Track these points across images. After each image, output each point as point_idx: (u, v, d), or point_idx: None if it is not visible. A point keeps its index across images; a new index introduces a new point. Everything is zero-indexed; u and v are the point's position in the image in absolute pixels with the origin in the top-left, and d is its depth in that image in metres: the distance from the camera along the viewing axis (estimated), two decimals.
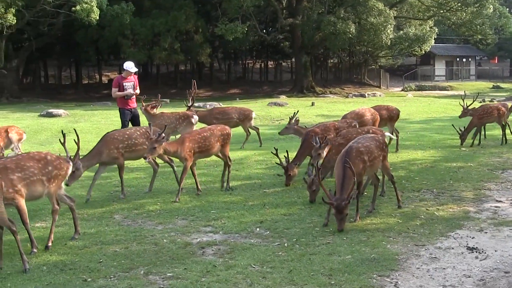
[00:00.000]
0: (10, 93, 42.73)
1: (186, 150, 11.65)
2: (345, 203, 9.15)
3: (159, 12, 43.21)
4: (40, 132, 22.86)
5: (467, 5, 48.78)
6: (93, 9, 36.65)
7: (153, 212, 10.84)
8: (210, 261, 8.07)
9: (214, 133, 12.38)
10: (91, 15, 36.79)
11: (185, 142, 11.74)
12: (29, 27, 42.54)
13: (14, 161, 8.39)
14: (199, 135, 12.14)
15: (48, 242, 8.98)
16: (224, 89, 52.60)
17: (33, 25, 42.07)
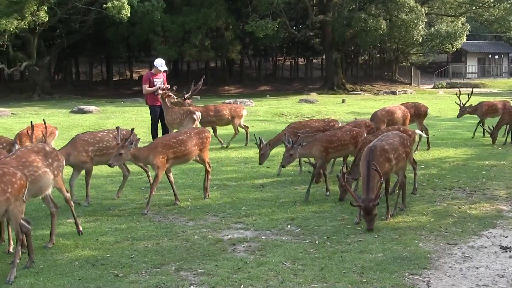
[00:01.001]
0: (42, 89, 43.11)
1: (158, 156, 10.70)
2: (372, 204, 9.05)
3: (189, 9, 43.30)
4: (71, 128, 23.00)
5: (500, 1, 48.30)
6: (124, 6, 36.83)
7: (184, 208, 10.86)
8: (241, 258, 8.06)
9: (191, 136, 11.37)
10: (122, 12, 36.97)
11: (157, 147, 10.82)
12: (60, 25, 42.88)
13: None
14: (174, 139, 11.16)
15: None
16: (255, 86, 52.60)
17: (65, 22, 42.40)
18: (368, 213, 9.10)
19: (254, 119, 25.36)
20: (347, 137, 12.07)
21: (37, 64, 41.54)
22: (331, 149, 11.77)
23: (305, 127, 13.96)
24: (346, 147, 12.05)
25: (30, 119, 24.75)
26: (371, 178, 9.30)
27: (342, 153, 12.29)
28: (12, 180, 7.42)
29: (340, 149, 11.97)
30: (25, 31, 37.88)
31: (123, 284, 7.25)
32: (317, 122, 14.37)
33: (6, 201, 7.29)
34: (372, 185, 9.27)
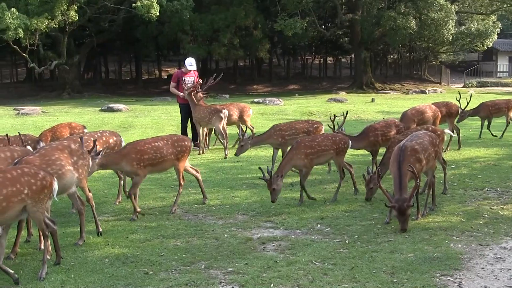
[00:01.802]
0: (72, 88, 43.43)
1: (133, 163, 10.08)
2: (407, 204, 8.98)
3: (218, 8, 43.37)
4: (101, 126, 23.11)
5: None
6: (153, 5, 36.97)
7: (213, 207, 10.88)
8: (271, 257, 8.05)
9: (167, 143, 10.64)
10: (151, 11, 37.11)
11: (130, 153, 10.15)
12: (90, 24, 43.19)
13: None
14: (148, 144, 10.42)
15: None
16: (283, 84, 52.57)
17: (95, 21, 42.69)
18: (402, 213, 9.03)
19: (283, 118, 25.31)
20: (329, 142, 11.37)
21: (67, 63, 41.84)
22: (312, 156, 11.09)
23: (290, 128, 13.74)
24: (327, 152, 11.32)
25: (60, 118, 25.08)
26: (403, 177, 9.24)
27: (322, 160, 11.57)
28: (31, 181, 7.41)
29: (321, 155, 11.27)
30: (55, 31, 38.19)
31: (153, 282, 7.27)
32: (301, 124, 14.13)
33: (20, 202, 7.28)
34: (404, 185, 9.21)
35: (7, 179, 7.20)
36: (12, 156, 8.59)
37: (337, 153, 11.43)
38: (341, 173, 11.63)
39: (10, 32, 33.68)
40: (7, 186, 7.14)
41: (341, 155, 11.55)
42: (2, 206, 7.06)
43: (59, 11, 35.99)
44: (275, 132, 13.62)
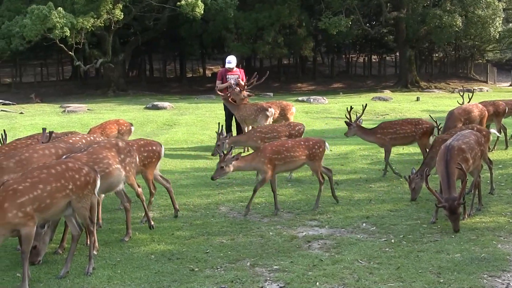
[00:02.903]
0: (117, 86, 43.80)
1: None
2: (457, 203, 8.88)
3: (262, 6, 43.34)
4: (146, 124, 23.31)
5: None
6: (198, 4, 37.11)
7: (258, 205, 10.89)
8: (316, 255, 8.04)
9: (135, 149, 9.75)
10: (195, 9, 37.25)
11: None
12: (135, 22, 43.51)
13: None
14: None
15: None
16: (328, 83, 52.35)
17: (139, 20, 42.99)
18: (453, 212, 8.93)
19: (327, 116, 25.24)
20: (300, 147, 10.66)
21: (112, 61, 42.22)
22: (278, 161, 10.41)
23: (271, 131, 13.39)
24: (298, 158, 10.62)
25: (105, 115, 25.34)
26: (451, 176, 9.15)
27: (292, 166, 10.87)
28: (75, 176, 7.50)
29: (290, 161, 10.57)
30: (100, 29, 38.56)
31: (198, 278, 7.32)
32: (282, 126, 13.78)
33: (65, 198, 7.37)
34: (453, 184, 9.11)
35: (51, 174, 7.30)
36: (56, 152, 8.65)
37: (311, 158, 10.65)
38: (319, 178, 10.79)
39: (56, 31, 34.10)
40: (51, 182, 7.24)
41: (315, 161, 10.71)
42: (47, 202, 7.15)
43: (104, 10, 36.34)
44: (255, 134, 13.33)
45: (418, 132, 13.20)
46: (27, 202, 6.96)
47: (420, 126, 13.31)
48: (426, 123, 13.51)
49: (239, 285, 7.09)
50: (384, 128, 13.49)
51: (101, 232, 9.39)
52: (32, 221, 7.03)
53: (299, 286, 6.99)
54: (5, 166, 8.14)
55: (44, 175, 7.25)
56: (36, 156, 8.42)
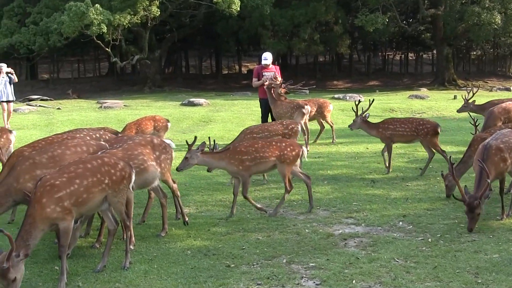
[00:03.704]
0: (153, 82, 43.98)
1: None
2: (476, 202, 8.79)
3: (298, 3, 43.19)
4: (182, 120, 23.42)
5: None
6: (234, 1, 37.09)
7: (294, 202, 10.88)
8: (353, 253, 8.01)
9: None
10: (232, 6, 37.26)
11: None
12: (171, 19, 43.59)
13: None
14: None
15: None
16: (363, 80, 52.01)
17: (176, 16, 43.09)
18: (470, 210, 8.87)
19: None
20: (271, 148, 10.29)
21: (148, 58, 42.38)
22: (249, 162, 10.09)
23: (263, 131, 12.94)
24: (268, 160, 10.24)
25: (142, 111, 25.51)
26: (483, 176, 9.06)
27: (263, 168, 10.43)
28: (111, 171, 7.56)
29: (260, 162, 10.21)
30: (137, 26, 38.72)
31: (235, 274, 7.34)
32: (275, 126, 13.30)
33: (101, 192, 7.44)
34: (483, 183, 9.02)
35: (88, 169, 7.36)
36: (88, 150, 8.69)
37: (281, 161, 10.23)
38: (286, 185, 10.32)
39: (94, 28, 34.35)
40: (87, 177, 7.30)
41: (286, 164, 10.27)
42: (83, 197, 7.22)
43: (141, 7, 36.50)
44: (246, 135, 12.84)
45: (420, 132, 13.24)
46: (64, 196, 7.04)
47: (422, 126, 13.34)
48: (429, 124, 13.47)
49: (275, 281, 7.08)
50: (386, 124, 13.77)
51: (138, 227, 9.48)
52: (70, 216, 7.11)
53: (335, 284, 6.97)
54: (37, 161, 8.25)
55: (80, 170, 7.32)
56: (68, 153, 8.50)
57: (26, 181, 8.03)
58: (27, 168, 8.16)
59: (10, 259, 6.39)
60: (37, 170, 8.10)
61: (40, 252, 8.41)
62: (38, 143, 10.10)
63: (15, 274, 6.47)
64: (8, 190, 8.02)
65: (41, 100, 35.02)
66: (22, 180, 8.03)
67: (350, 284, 6.95)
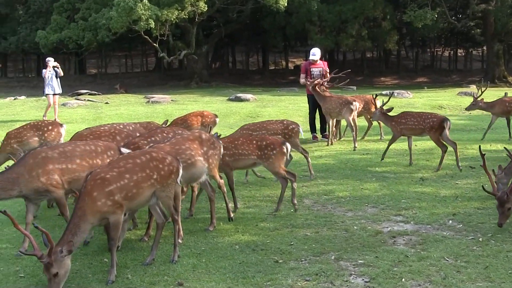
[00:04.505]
0: (200, 77, 44.21)
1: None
2: (506, 197, 8.64)
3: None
4: (229, 115, 23.50)
5: None
6: None
7: (342, 198, 10.81)
8: (402, 251, 7.91)
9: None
10: (279, 2, 37.29)
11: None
12: (218, 14, 43.75)
13: None
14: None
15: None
16: (411, 77, 51.54)
17: (223, 12, 43.22)
18: (500, 204, 8.70)
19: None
20: (250, 146, 10.14)
21: (196, 53, 42.61)
22: (228, 157, 9.99)
23: (260, 129, 12.66)
24: (247, 157, 10.13)
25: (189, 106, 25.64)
26: None
27: (242, 164, 10.30)
28: (159, 166, 7.58)
29: (238, 159, 10.12)
30: (184, 21, 38.94)
31: (283, 270, 7.32)
32: (274, 124, 12.94)
33: (150, 187, 7.46)
34: None
35: (137, 164, 7.41)
36: (96, 150, 8.61)
37: (263, 159, 10.05)
38: (286, 178, 10.14)
39: (141, 23, 34.66)
40: (137, 172, 7.35)
41: (270, 163, 10.08)
42: (133, 192, 7.27)
43: (188, 2, 36.66)
44: (243, 131, 12.67)
45: (426, 126, 13.31)
46: (115, 190, 7.09)
47: (428, 120, 13.38)
48: (434, 118, 13.45)
49: (324, 278, 7.04)
50: (400, 118, 13.92)
51: (186, 221, 9.52)
52: (121, 209, 7.17)
53: (385, 282, 6.89)
54: (50, 155, 8.18)
55: (130, 165, 7.36)
56: (78, 150, 8.45)
57: (38, 175, 7.98)
58: (40, 162, 8.08)
59: (50, 254, 6.45)
60: (50, 165, 8.08)
61: (90, 244, 8.51)
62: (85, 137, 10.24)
63: (57, 269, 6.51)
64: (17, 179, 7.94)
65: (89, 94, 35.47)
66: (35, 173, 7.97)
67: (399, 283, 6.87)
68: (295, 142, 12.43)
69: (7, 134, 12.52)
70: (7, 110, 28.60)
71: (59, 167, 8.13)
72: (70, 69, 56.07)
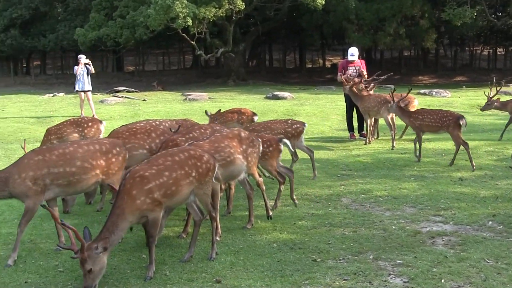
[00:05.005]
0: (237, 75, 44.25)
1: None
2: None
3: None
4: (266, 113, 23.46)
5: None
6: None
7: (380, 198, 10.74)
8: (441, 252, 7.84)
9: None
10: (316, 0, 37.19)
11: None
12: (256, 12, 43.72)
13: None
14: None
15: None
16: (450, 76, 51.03)
17: (260, 10, 43.19)
18: None
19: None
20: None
21: (233, 51, 42.63)
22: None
23: (264, 128, 12.32)
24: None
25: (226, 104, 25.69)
26: None
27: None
28: (197, 164, 7.61)
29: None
30: (222, 19, 38.96)
31: (321, 269, 7.31)
32: (278, 124, 12.64)
33: (188, 185, 7.48)
34: None
35: (176, 162, 7.43)
36: (100, 149, 8.45)
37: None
38: (276, 177, 10.15)
39: (179, 21, 34.73)
40: (176, 170, 7.37)
41: (264, 160, 9.90)
42: (172, 189, 7.29)
43: (226, 0, 36.70)
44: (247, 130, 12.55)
45: (443, 123, 13.60)
46: (154, 188, 7.12)
47: (445, 118, 13.64)
48: (451, 116, 13.67)
49: (362, 278, 7.01)
50: (417, 113, 14.31)
51: (224, 219, 9.54)
52: (160, 207, 7.20)
53: (424, 282, 6.84)
54: (47, 158, 7.95)
55: (169, 163, 7.39)
56: (80, 151, 8.22)
57: (27, 178, 7.74)
58: (34, 165, 7.85)
59: (83, 251, 6.50)
60: (44, 169, 7.85)
61: (128, 240, 8.56)
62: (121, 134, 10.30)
63: (91, 265, 6.56)
64: (7, 180, 7.75)
65: (127, 91, 35.70)
66: (25, 175, 7.74)
67: (438, 283, 6.81)
68: (300, 141, 12.37)
69: (48, 130, 12.65)
70: (46, 107, 28.92)
71: (55, 171, 7.90)
72: (108, 67, 56.59)
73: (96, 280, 6.64)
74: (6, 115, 25.58)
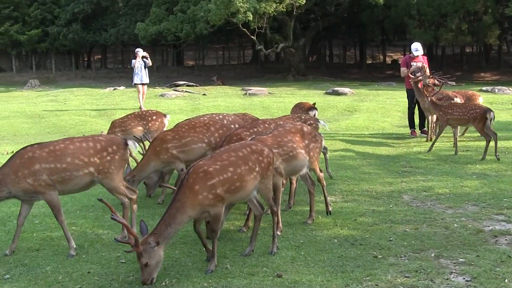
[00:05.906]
0: (297, 70, 44.20)
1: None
2: None
3: None
4: (326, 109, 23.46)
5: None
6: None
7: (442, 195, 10.64)
8: (504, 251, 7.73)
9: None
10: None
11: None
12: (316, 7, 43.58)
13: None
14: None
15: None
16: None
17: (321, 5, 43.06)
18: None
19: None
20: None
21: (293, 46, 42.61)
22: None
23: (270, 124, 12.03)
24: None
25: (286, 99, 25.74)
26: None
27: None
28: (259, 158, 7.65)
29: None
30: (282, 14, 38.98)
31: (382, 265, 7.28)
32: (290, 120, 11.47)
33: (253, 180, 7.53)
34: None
35: (240, 157, 7.49)
36: (95, 146, 8.28)
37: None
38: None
39: (240, 16, 34.88)
40: (240, 165, 7.42)
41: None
42: (236, 185, 7.35)
43: None
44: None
45: (470, 116, 14.08)
46: (217, 184, 7.17)
47: (473, 111, 14.12)
48: (478, 109, 14.20)
49: (424, 275, 6.97)
50: (447, 108, 14.75)
51: (284, 213, 9.58)
52: (222, 202, 7.25)
53: (487, 282, 6.76)
54: (37, 155, 7.90)
55: (233, 158, 7.44)
56: (72, 148, 8.11)
57: (24, 176, 7.76)
58: (26, 162, 7.83)
59: (138, 245, 6.62)
60: (36, 165, 7.83)
61: (189, 233, 8.63)
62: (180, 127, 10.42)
63: (147, 259, 6.69)
64: (4, 180, 7.82)
65: (187, 86, 36.02)
66: (21, 174, 7.76)
67: (502, 283, 6.72)
68: None
69: (112, 122, 12.88)
70: (107, 100, 29.43)
71: (47, 167, 7.88)
72: (168, 61, 57.12)
73: (153, 274, 6.77)
74: (68, 108, 26.15)
